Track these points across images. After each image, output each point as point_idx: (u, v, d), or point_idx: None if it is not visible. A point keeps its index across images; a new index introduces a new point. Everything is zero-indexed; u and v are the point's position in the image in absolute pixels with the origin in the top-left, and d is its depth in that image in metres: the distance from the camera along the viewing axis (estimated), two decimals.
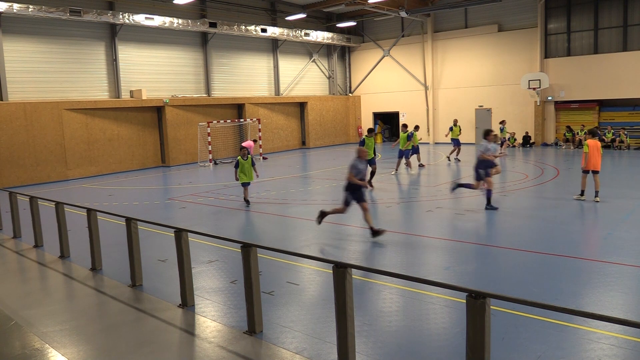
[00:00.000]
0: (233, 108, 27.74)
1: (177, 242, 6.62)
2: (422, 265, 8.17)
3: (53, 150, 20.40)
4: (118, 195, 16.26)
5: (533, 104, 26.65)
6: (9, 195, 11.24)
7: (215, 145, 25.41)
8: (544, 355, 4.95)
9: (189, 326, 6.11)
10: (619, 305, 6.17)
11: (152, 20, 22.34)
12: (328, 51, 33.21)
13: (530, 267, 7.71)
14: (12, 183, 19.15)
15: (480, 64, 28.42)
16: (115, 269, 8.37)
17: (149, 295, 7.15)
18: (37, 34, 20.38)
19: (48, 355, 5.49)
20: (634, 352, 4.98)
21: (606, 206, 11.75)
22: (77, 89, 21.66)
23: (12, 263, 9.42)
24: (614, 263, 7.60)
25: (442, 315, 6.01)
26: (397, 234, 9.99)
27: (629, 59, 23.74)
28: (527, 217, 11.15)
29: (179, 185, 18.24)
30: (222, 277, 7.83)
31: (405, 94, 31.77)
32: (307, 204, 13.55)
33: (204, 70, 26.29)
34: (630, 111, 24.50)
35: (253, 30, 26.30)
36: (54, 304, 7.10)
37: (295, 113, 31.07)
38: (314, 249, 9.28)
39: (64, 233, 9.28)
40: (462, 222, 10.80)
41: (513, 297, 3.80)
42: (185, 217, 12.54)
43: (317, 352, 5.23)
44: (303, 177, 19.02)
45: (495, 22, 27.69)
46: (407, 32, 31.24)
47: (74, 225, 11.28)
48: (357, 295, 6.10)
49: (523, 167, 19.30)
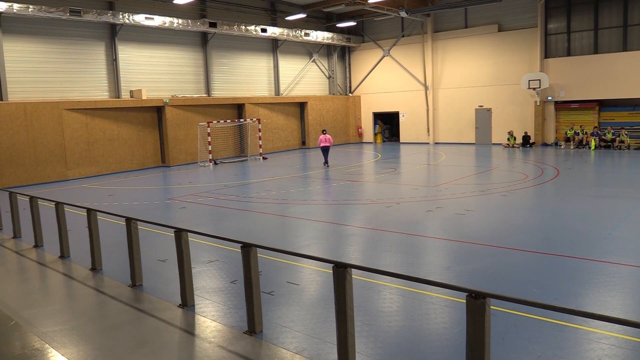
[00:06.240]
0: (233, 108, 27.75)
1: (177, 242, 6.63)
2: (422, 265, 8.17)
3: (53, 150, 20.40)
4: (118, 195, 16.26)
5: (533, 104, 26.65)
6: (9, 195, 11.23)
7: (215, 145, 25.41)
8: (544, 355, 4.95)
9: (189, 326, 6.11)
10: (619, 305, 6.17)
11: (152, 20, 22.34)
12: (328, 51, 33.21)
13: (530, 267, 7.71)
14: (12, 183, 19.15)
15: (480, 64, 28.42)
16: (115, 269, 8.37)
17: (149, 295, 7.15)
18: (37, 34, 20.38)
19: (48, 355, 5.49)
20: (634, 352, 4.98)
21: (606, 206, 11.75)
22: (77, 89, 21.67)
23: (12, 263, 9.42)
24: (614, 263, 7.60)
25: (442, 315, 6.01)
26: (397, 234, 9.99)
27: (629, 59, 23.74)
28: (527, 217, 11.15)
29: (179, 185, 18.24)
30: (222, 277, 7.83)
31: (405, 94, 31.77)
32: (307, 204, 13.55)
33: (204, 70, 26.29)
34: (630, 111, 24.49)
35: (253, 30, 26.30)
36: (54, 304, 7.10)
37: (295, 113, 31.07)
38: (314, 249, 9.28)
39: (64, 233, 9.28)
40: (462, 222, 10.80)
41: (513, 297, 3.80)
42: (185, 217, 12.54)
43: (317, 352, 5.23)
44: (303, 177, 19.02)
45: (495, 22, 27.68)
46: (407, 32, 31.24)
47: (74, 225, 11.28)
48: (357, 295, 6.10)
49: (523, 167, 19.30)
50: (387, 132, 34.64)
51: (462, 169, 19.46)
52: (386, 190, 15.30)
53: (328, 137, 21.47)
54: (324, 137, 21.44)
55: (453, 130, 30.09)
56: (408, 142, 31.94)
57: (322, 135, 21.61)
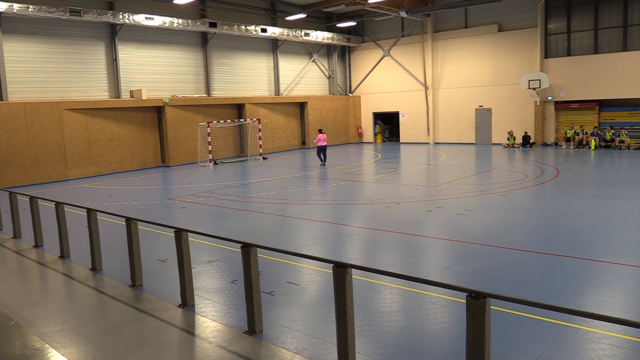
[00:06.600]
0: (233, 108, 27.75)
1: (177, 242, 6.63)
2: (422, 265, 8.17)
3: (53, 150, 20.39)
4: (118, 195, 16.26)
5: (533, 104, 26.65)
6: (9, 195, 11.23)
7: (215, 145, 25.41)
8: (544, 355, 4.95)
9: (189, 326, 6.11)
10: (619, 305, 6.17)
11: (152, 20, 22.34)
12: (328, 51, 33.21)
13: (530, 267, 7.71)
14: (12, 183, 19.15)
15: (480, 64, 28.42)
16: (115, 269, 8.37)
17: (149, 295, 7.15)
18: (37, 34, 20.38)
19: (48, 355, 5.49)
20: (634, 352, 4.98)
21: (606, 206, 11.75)
22: (77, 89, 21.67)
23: (12, 263, 9.42)
24: (614, 263, 7.60)
25: (442, 315, 6.01)
26: (397, 234, 9.99)
27: (629, 59, 23.74)
28: (527, 217, 11.16)
29: (179, 185, 18.24)
30: (222, 277, 7.83)
31: (405, 94, 31.77)
32: (307, 204, 13.55)
33: (204, 70, 26.29)
34: (630, 111, 24.49)
35: (253, 30, 26.30)
36: (54, 304, 7.10)
37: (295, 113, 31.07)
38: (314, 249, 9.28)
39: (64, 233, 9.28)
40: (462, 222, 10.80)
41: (513, 297, 3.79)
42: (185, 217, 12.54)
43: (317, 352, 5.23)
44: (303, 177, 19.02)
45: (495, 22, 27.69)
46: (407, 32, 31.24)
47: (74, 225, 11.29)
48: (357, 295, 6.10)
49: (523, 167, 19.30)
50: (387, 132, 34.64)
51: (462, 169, 19.46)
52: (386, 190, 15.30)
53: (325, 136, 21.63)
54: (323, 137, 21.51)
55: (453, 130, 30.09)
56: (408, 142, 31.94)
57: (321, 134, 21.66)
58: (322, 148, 21.51)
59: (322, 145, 21.46)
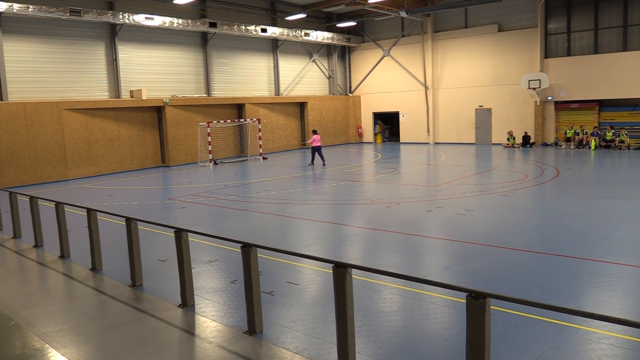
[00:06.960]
0: (233, 108, 27.74)
1: (177, 242, 6.63)
2: (422, 265, 8.17)
3: (53, 150, 20.39)
4: (118, 195, 16.26)
5: (533, 104, 26.65)
6: (9, 195, 11.23)
7: (215, 145, 25.41)
8: (544, 355, 4.95)
9: (189, 326, 6.11)
10: (619, 305, 6.17)
11: (152, 20, 22.34)
12: (328, 51, 33.20)
13: (530, 267, 7.71)
14: (12, 183, 19.15)
15: (480, 64, 28.42)
16: (115, 269, 8.37)
17: (149, 295, 7.15)
18: (37, 34, 20.37)
19: (48, 355, 5.49)
20: (634, 352, 4.98)
21: (606, 206, 11.75)
22: (77, 89, 21.66)
23: (12, 263, 9.42)
24: (614, 263, 7.60)
25: (442, 315, 6.01)
26: (397, 234, 9.99)
27: (629, 59, 23.74)
28: (527, 217, 11.15)
29: (179, 185, 18.24)
30: (222, 277, 7.83)
31: (405, 94, 31.77)
32: (307, 204, 13.55)
33: (204, 70, 26.28)
34: (630, 111, 24.49)
35: (253, 30, 26.30)
36: (54, 304, 7.10)
37: (295, 113, 31.06)
38: (314, 249, 9.28)
39: (64, 233, 9.28)
40: (462, 222, 10.80)
41: (513, 297, 3.79)
42: (185, 217, 12.53)
43: (317, 352, 5.23)
44: (303, 177, 19.02)
45: (495, 22, 27.68)
46: (407, 32, 31.24)
47: (74, 225, 11.28)
48: (357, 295, 6.10)
49: (523, 167, 19.30)
50: (387, 132, 34.65)
51: (462, 169, 19.47)
52: (386, 190, 15.30)
53: (319, 137, 21.81)
54: (317, 137, 21.63)
55: (453, 130, 30.09)
56: (408, 142, 31.94)
57: (315, 135, 21.73)
58: (316, 148, 21.56)
59: (316, 146, 21.53)
